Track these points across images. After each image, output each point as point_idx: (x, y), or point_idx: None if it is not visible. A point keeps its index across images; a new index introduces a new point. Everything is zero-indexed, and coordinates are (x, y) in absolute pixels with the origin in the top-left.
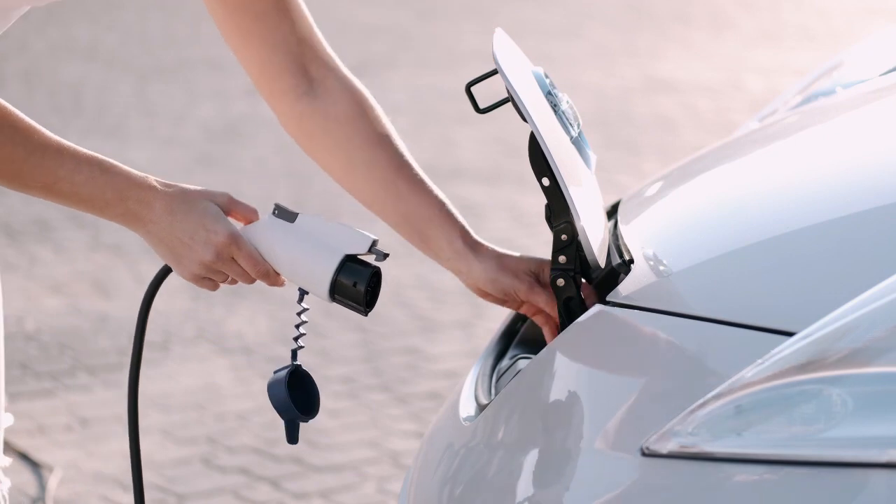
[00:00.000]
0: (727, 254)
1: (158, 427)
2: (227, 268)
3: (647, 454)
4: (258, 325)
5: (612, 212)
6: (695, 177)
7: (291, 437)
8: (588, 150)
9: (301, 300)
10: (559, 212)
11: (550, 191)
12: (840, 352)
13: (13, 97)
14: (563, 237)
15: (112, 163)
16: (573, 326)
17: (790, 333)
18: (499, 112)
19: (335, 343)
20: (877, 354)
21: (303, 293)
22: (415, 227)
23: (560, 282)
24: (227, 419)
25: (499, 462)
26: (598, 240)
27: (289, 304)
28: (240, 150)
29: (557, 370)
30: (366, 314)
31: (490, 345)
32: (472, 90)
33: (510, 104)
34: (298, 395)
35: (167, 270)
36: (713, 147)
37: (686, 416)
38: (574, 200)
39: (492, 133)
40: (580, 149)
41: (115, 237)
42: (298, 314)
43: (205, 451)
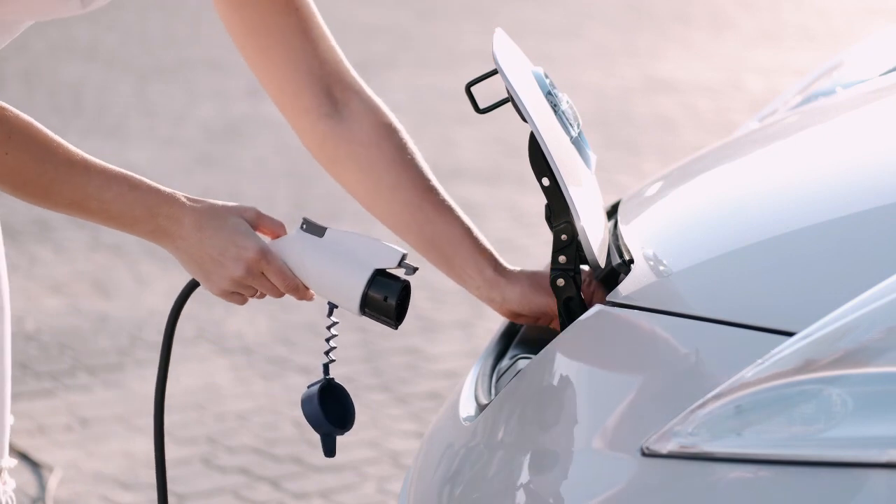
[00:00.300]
0: (727, 254)
1: None
2: (257, 283)
3: (647, 454)
4: (258, 325)
5: (612, 212)
6: (695, 177)
7: (328, 451)
8: (588, 150)
9: (330, 314)
10: (559, 212)
11: (550, 191)
12: (840, 352)
13: (13, 97)
14: (563, 237)
15: (140, 179)
16: (573, 326)
17: (790, 333)
18: (499, 112)
19: (335, 343)
20: (877, 354)
21: (332, 307)
22: (441, 252)
23: (560, 282)
24: (227, 419)
25: (499, 462)
26: (598, 240)
27: (289, 305)
28: (240, 150)
29: (557, 370)
30: (396, 328)
31: (490, 345)
32: (472, 90)
33: (510, 104)
34: (332, 409)
35: (195, 284)
36: (713, 147)
37: (686, 416)
38: (574, 200)
39: (492, 133)
40: (580, 149)
41: (115, 237)
42: (328, 328)
43: (205, 451)
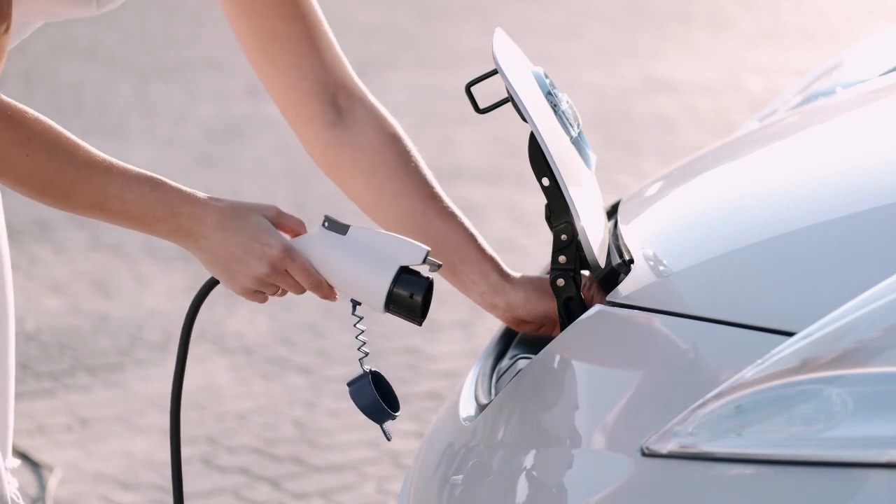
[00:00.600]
0: (727, 254)
1: (158, 427)
2: (281, 280)
3: (647, 454)
4: (258, 325)
5: (612, 212)
6: (695, 177)
7: (388, 435)
8: (588, 150)
9: (354, 310)
10: (559, 212)
11: (550, 191)
12: (840, 351)
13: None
14: (563, 237)
15: (161, 179)
16: (573, 326)
17: (790, 333)
18: (499, 112)
19: (335, 343)
20: (876, 354)
21: (355, 304)
22: (445, 259)
23: (560, 282)
24: (227, 419)
25: (499, 462)
26: (598, 240)
27: (288, 306)
28: (240, 150)
29: (557, 370)
30: (420, 324)
31: (490, 345)
32: (472, 90)
33: (510, 104)
34: (383, 395)
35: (213, 283)
36: (713, 147)
37: (686, 416)
38: (574, 200)
39: (492, 133)
40: (580, 149)
41: (115, 237)
42: (355, 325)
43: (205, 451)
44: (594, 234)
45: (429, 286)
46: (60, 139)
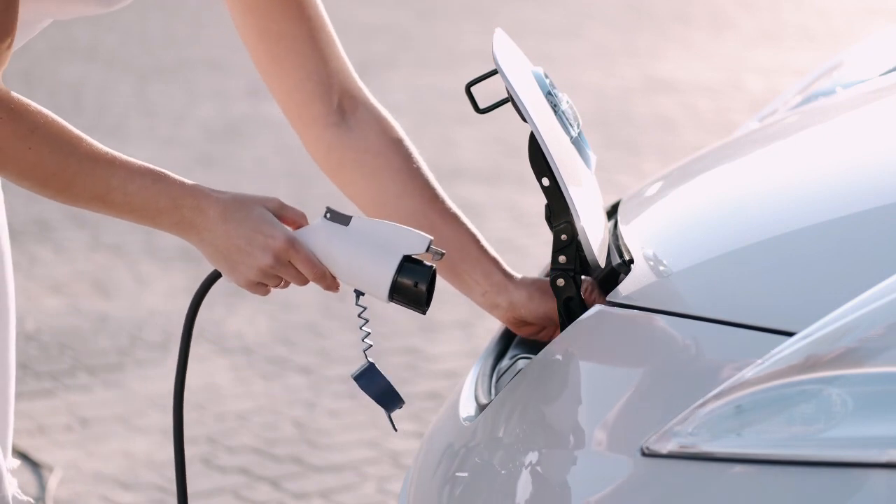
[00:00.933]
0: (727, 254)
1: (158, 427)
2: (284, 272)
3: (647, 454)
4: (258, 325)
5: (612, 212)
6: (695, 177)
7: (394, 425)
8: (588, 150)
9: (358, 301)
10: (559, 212)
11: (550, 191)
12: (840, 352)
13: None
14: (563, 237)
15: (164, 172)
16: (573, 326)
17: (790, 333)
18: (499, 112)
19: (335, 343)
20: (876, 354)
21: (359, 294)
22: (447, 259)
23: (560, 282)
24: (227, 419)
25: (499, 462)
26: (598, 240)
27: (288, 306)
28: (240, 150)
29: (557, 370)
30: (424, 313)
31: (490, 345)
32: (472, 90)
33: (510, 104)
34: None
35: (216, 276)
36: (713, 147)
37: (686, 416)
38: (574, 200)
39: (492, 133)
40: (580, 149)
41: (115, 237)
42: (359, 315)
43: (205, 451)
44: (594, 234)
45: (433, 275)
46: (63, 132)
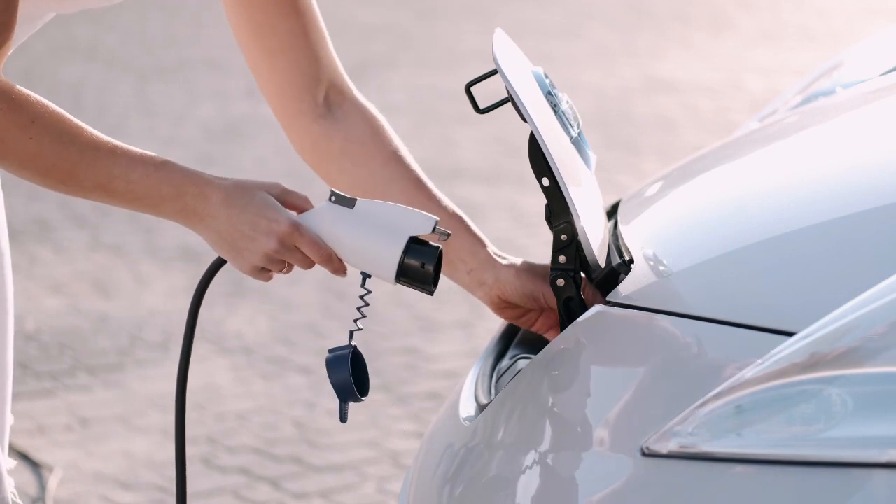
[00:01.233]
0: (727, 254)
1: (158, 427)
2: (290, 256)
3: (647, 454)
4: (258, 325)
5: (612, 212)
6: (695, 177)
7: (344, 417)
8: (588, 150)
9: (364, 284)
10: (559, 212)
11: (550, 191)
12: (840, 351)
13: None
14: (563, 237)
15: (165, 159)
16: (573, 326)
17: (790, 333)
18: (499, 112)
19: (335, 343)
20: (876, 354)
21: (365, 277)
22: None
23: (560, 282)
24: (227, 419)
25: (499, 462)
26: (598, 240)
27: (289, 305)
28: (240, 150)
29: (557, 370)
30: (432, 294)
31: (490, 345)
32: (472, 90)
33: (510, 104)
34: (356, 376)
35: (220, 263)
36: (713, 147)
37: (686, 416)
38: (574, 200)
39: (492, 133)
40: (580, 149)
41: (115, 237)
42: (361, 297)
43: (205, 451)
44: (594, 234)
45: (439, 255)
46: (64, 122)
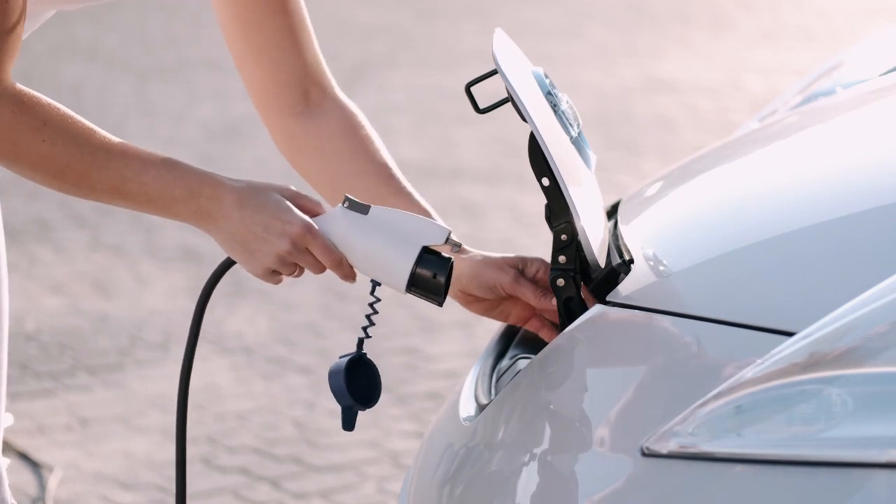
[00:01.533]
0: (727, 254)
1: (158, 427)
2: (301, 259)
3: (647, 454)
4: (258, 325)
5: (612, 212)
6: (695, 177)
7: (347, 424)
8: (588, 150)
9: (373, 291)
10: (559, 212)
11: (550, 191)
12: (840, 351)
13: None
14: (563, 237)
15: (178, 160)
16: (573, 326)
17: (790, 333)
18: (499, 112)
19: (335, 343)
20: (876, 354)
21: (375, 284)
22: None
23: (560, 282)
24: (227, 419)
25: (499, 462)
26: (598, 240)
27: (288, 306)
28: (240, 150)
29: (557, 370)
30: (441, 304)
31: (490, 345)
32: (472, 90)
33: (510, 104)
34: (358, 384)
35: (229, 264)
36: (713, 147)
37: (686, 416)
38: (574, 200)
39: (492, 133)
40: (580, 149)
41: (115, 237)
42: (371, 305)
43: (205, 451)
44: (594, 234)
45: (451, 266)
46: (75, 124)
